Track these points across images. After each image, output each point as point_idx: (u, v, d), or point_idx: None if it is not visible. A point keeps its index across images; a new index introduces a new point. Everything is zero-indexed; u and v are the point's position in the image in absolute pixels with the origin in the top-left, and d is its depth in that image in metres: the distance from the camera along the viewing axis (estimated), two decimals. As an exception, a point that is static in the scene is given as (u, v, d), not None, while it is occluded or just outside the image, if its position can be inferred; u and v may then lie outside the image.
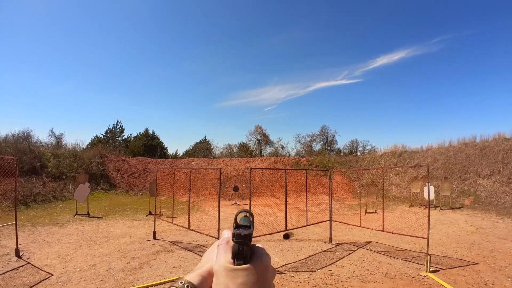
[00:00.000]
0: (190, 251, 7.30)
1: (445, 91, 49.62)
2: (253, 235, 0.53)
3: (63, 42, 48.72)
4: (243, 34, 58.60)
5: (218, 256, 0.52)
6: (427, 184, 7.97)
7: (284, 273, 5.79)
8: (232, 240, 0.51)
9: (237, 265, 0.49)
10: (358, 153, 32.74)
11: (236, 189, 17.44)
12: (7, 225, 8.73)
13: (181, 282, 0.48)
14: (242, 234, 0.50)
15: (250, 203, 6.25)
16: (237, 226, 0.52)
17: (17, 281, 5.23)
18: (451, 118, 49.53)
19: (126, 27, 54.81)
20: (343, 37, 54.06)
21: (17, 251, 6.51)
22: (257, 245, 0.54)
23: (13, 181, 8.08)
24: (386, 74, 51.68)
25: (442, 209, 13.68)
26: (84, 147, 25.65)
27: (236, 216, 0.54)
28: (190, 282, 0.48)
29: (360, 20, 52.02)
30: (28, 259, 6.41)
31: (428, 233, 6.11)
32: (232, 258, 0.51)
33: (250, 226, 0.52)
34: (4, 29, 39.04)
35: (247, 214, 0.55)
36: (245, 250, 0.50)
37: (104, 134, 33.48)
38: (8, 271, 5.70)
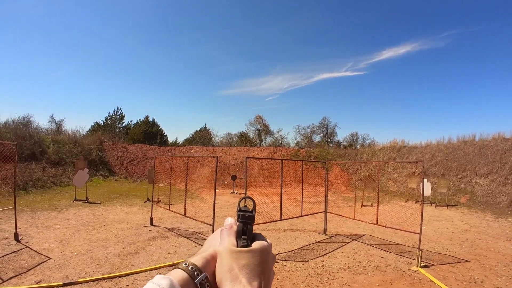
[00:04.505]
0: (185, 237, 7.43)
1: (448, 87, 49.23)
2: None
3: (63, 29, 48.10)
4: (247, 22, 57.73)
5: (222, 239, 0.55)
6: (422, 179, 8.00)
7: (277, 262, 5.89)
8: (237, 221, 0.56)
9: (240, 246, 0.52)
10: (358, 146, 32.75)
11: (234, 178, 17.54)
12: (6, 209, 8.84)
13: (185, 264, 0.50)
14: (246, 215, 0.56)
15: (246, 191, 6.30)
16: (240, 210, 0.57)
17: (16, 264, 5.35)
18: (452, 115, 49.36)
19: (126, 15, 53.92)
20: (349, 28, 53.25)
21: (16, 235, 6.62)
22: (258, 232, 0.59)
23: (12, 167, 8.13)
24: (391, 68, 51.17)
25: (437, 206, 13.78)
26: (84, 133, 25.66)
27: (239, 201, 0.59)
28: (194, 264, 0.51)
29: (367, 11, 51.09)
30: (26, 243, 6.52)
31: (421, 229, 6.18)
32: (237, 238, 0.54)
33: (252, 210, 0.58)
34: (4, 16, 38.40)
35: (249, 200, 0.61)
36: (249, 229, 0.55)
37: (104, 121, 33.44)
38: (7, 254, 5.81)
